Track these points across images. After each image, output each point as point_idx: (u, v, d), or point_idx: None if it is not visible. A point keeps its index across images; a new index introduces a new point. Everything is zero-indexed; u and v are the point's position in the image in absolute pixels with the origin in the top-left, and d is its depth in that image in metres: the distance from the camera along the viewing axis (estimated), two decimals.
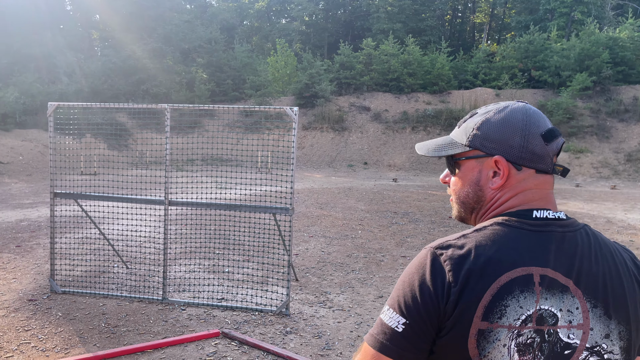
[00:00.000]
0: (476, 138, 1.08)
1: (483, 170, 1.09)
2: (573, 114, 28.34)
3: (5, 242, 7.96)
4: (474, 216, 1.14)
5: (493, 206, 1.09)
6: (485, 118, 1.09)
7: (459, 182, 1.13)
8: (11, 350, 4.11)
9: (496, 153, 1.06)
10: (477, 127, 1.09)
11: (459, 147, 1.11)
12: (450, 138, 1.15)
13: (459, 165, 1.12)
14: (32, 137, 23.19)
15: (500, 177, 1.06)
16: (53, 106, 5.36)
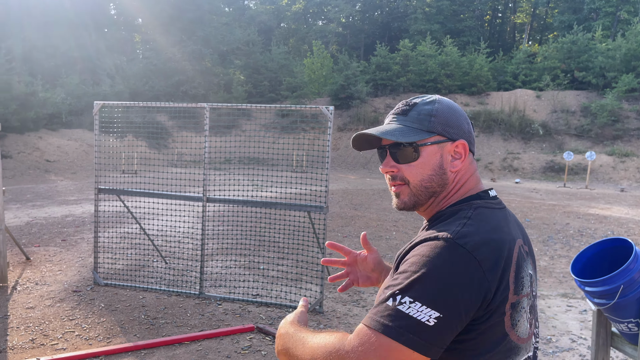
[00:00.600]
0: (436, 124, 1.15)
1: (444, 155, 1.15)
2: (618, 117, 27.39)
3: (51, 236, 8.30)
4: (431, 201, 1.17)
5: (454, 189, 1.17)
6: (436, 106, 1.16)
7: (420, 167, 1.15)
8: (56, 338, 4.30)
9: (457, 138, 1.16)
10: (434, 114, 1.15)
11: (422, 134, 1.14)
12: (404, 126, 1.16)
13: (420, 152, 1.14)
14: (77, 137, 24.04)
15: (461, 160, 1.17)
16: (98, 105, 5.57)
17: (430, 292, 0.95)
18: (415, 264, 0.99)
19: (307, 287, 5.93)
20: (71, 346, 4.14)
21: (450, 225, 1.06)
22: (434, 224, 1.14)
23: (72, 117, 26.22)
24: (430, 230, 1.10)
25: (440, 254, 0.99)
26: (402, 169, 1.17)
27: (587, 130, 27.72)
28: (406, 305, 0.95)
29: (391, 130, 1.15)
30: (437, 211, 1.19)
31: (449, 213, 1.13)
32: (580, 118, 28.60)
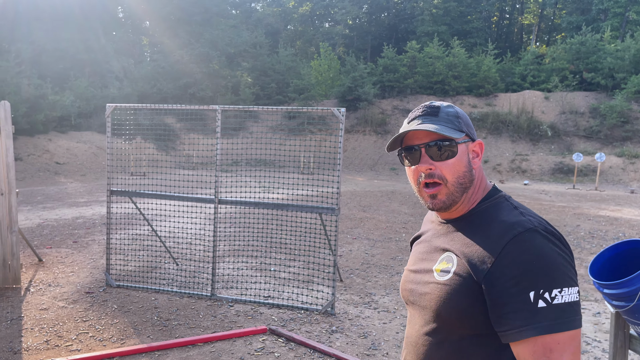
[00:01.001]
0: (462, 125, 1.24)
1: (469, 153, 1.25)
2: (628, 118, 27.21)
3: (63, 238, 8.35)
4: (464, 197, 1.24)
5: (479, 183, 1.27)
6: (456, 109, 1.27)
7: (457, 165, 1.21)
8: (71, 339, 4.32)
9: (476, 138, 1.27)
10: (459, 116, 1.25)
11: (456, 133, 1.21)
12: (442, 125, 1.21)
13: (457, 150, 1.21)
14: (86, 139, 24.18)
15: (479, 157, 1.27)
16: (111, 107, 5.60)
17: (561, 275, 1.07)
18: (532, 261, 1.07)
19: (318, 289, 5.93)
20: (85, 347, 4.17)
21: (513, 217, 1.15)
22: (479, 220, 1.21)
23: (81, 119, 26.37)
24: (486, 227, 1.18)
25: (540, 242, 1.09)
26: (439, 167, 1.21)
27: (596, 131, 27.55)
28: (559, 296, 1.05)
29: (439, 127, 1.20)
30: (468, 210, 1.25)
31: (492, 208, 1.22)
32: (589, 119, 28.42)
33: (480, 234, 1.17)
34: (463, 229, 1.23)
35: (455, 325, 1.15)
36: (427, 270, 1.27)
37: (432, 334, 1.21)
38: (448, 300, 1.15)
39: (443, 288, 1.18)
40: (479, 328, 1.12)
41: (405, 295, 1.35)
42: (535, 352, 1.03)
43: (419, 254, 1.36)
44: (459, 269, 1.16)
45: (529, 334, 1.03)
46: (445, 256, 1.22)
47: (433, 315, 1.20)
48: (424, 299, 1.24)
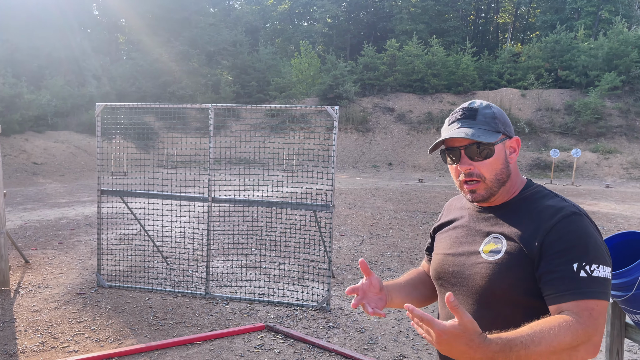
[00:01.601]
0: (500, 125, 1.35)
1: (506, 150, 1.36)
2: (601, 114, 27.89)
3: (47, 239, 8.22)
4: (502, 189, 1.36)
5: (516, 176, 1.39)
6: (494, 109, 1.36)
7: (494, 164, 1.34)
8: (66, 340, 4.28)
9: (513, 135, 1.38)
10: (496, 117, 1.35)
11: (494, 135, 1.33)
12: (480, 129, 1.33)
13: (494, 150, 1.33)
14: (64, 139, 23.76)
15: (516, 153, 1.38)
16: (101, 106, 5.55)
17: (600, 254, 1.22)
18: (577, 238, 1.22)
19: (312, 285, 5.97)
20: (82, 348, 4.13)
21: (559, 203, 1.30)
22: (524, 206, 1.34)
23: (58, 118, 25.88)
24: (532, 211, 1.31)
25: (585, 224, 1.25)
26: (478, 167, 1.34)
27: (571, 128, 28.17)
28: (597, 271, 1.19)
29: (476, 133, 1.32)
30: (510, 198, 1.38)
31: (534, 195, 1.36)
32: (564, 116, 29.04)
33: (529, 216, 1.31)
34: (508, 214, 1.36)
35: (509, 300, 1.27)
36: (472, 252, 1.37)
37: (485, 310, 1.31)
38: (503, 276, 1.27)
39: (495, 267, 1.29)
40: (531, 300, 1.25)
41: (446, 277, 1.43)
42: (579, 310, 1.17)
43: (455, 239, 1.45)
44: (510, 247, 1.28)
45: (570, 298, 1.18)
46: (492, 238, 1.34)
47: (485, 293, 1.30)
48: (473, 279, 1.34)
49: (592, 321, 1.15)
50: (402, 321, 4.97)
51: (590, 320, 1.15)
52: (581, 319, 1.15)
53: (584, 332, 1.14)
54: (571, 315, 1.16)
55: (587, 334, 1.14)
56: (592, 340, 1.15)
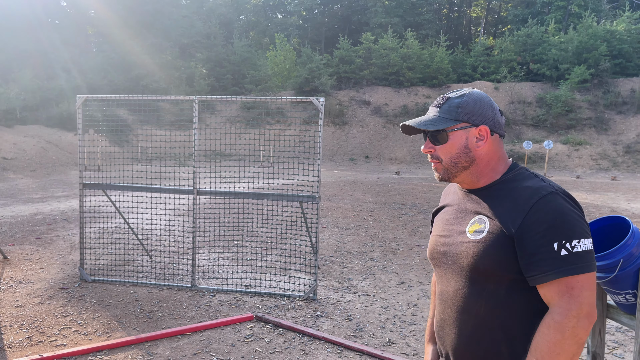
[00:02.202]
0: (462, 114, 1.43)
1: (469, 137, 1.44)
2: (571, 107, 28.58)
3: (24, 235, 8.06)
4: (465, 173, 1.46)
5: (493, 161, 1.46)
6: (464, 99, 1.44)
7: (449, 148, 1.45)
8: (54, 335, 4.23)
9: (480, 123, 1.44)
10: (461, 106, 1.44)
11: (450, 122, 1.44)
12: (437, 116, 1.45)
13: (449, 136, 1.44)
14: (34, 133, 23.17)
15: (484, 140, 1.44)
16: (82, 99, 5.46)
17: (580, 228, 1.29)
18: (554, 217, 1.29)
19: (298, 276, 6.01)
20: (71, 342, 4.10)
21: (537, 183, 1.37)
22: (506, 188, 1.42)
23: (26, 112, 25.21)
24: (512, 193, 1.39)
25: (561, 203, 1.32)
26: (437, 149, 1.48)
27: (542, 120, 28.80)
28: (577, 246, 1.27)
29: (425, 121, 1.46)
30: (492, 181, 1.47)
31: (515, 177, 1.44)
32: (536, 108, 29.67)
33: (509, 198, 1.39)
34: (491, 195, 1.45)
35: (492, 276, 1.36)
36: (459, 232, 1.48)
37: (471, 287, 1.41)
38: (485, 254, 1.36)
39: (479, 245, 1.38)
40: (512, 275, 1.34)
41: (438, 257, 1.55)
42: (560, 290, 1.26)
43: (446, 221, 1.57)
44: (492, 227, 1.37)
45: (553, 277, 1.26)
46: (477, 219, 1.44)
47: (470, 270, 1.40)
48: (459, 258, 1.44)
49: (572, 300, 1.24)
50: (389, 309, 5.06)
51: (570, 300, 1.25)
52: (561, 306, 1.25)
53: (567, 318, 1.24)
54: (553, 307, 1.27)
55: (573, 317, 1.24)
56: (581, 316, 1.24)
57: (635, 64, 30.78)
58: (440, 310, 1.53)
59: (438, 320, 1.55)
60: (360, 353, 4.01)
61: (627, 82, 29.70)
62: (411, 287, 5.83)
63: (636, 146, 25.58)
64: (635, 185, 18.41)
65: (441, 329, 1.53)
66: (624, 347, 4.27)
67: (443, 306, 1.51)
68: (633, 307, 2.89)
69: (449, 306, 1.48)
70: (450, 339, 1.48)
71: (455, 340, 1.46)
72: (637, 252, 2.82)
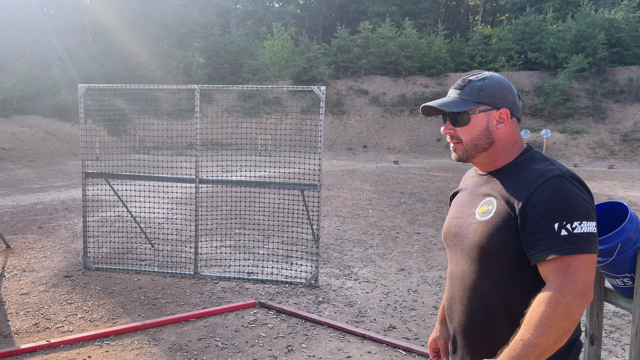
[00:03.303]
0: (484, 96, 1.47)
1: (490, 120, 1.48)
2: (569, 96, 28.60)
3: (26, 224, 8.10)
4: (483, 154, 1.51)
5: (509, 144, 1.51)
6: (486, 82, 1.48)
7: (470, 129, 1.48)
8: (60, 321, 4.29)
9: (501, 106, 1.47)
10: (483, 89, 1.47)
11: (472, 104, 1.47)
12: (459, 98, 1.49)
13: (470, 118, 1.48)
14: (32, 123, 23.12)
15: (505, 123, 1.48)
16: (83, 88, 5.48)
17: (584, 211, 1.31)
18: (557, 199, 1.32)
19: (299, 263, 6.08)
20: (77, 328, 4.16)
21: (545, 166, 1.40)
22: (516, 171, 1.46)
23: (24, 102, 25.14)
24: (521, 175, 1.43)
25: (567, 185, 1.34)
26: (457, 131, 1.51)
27: (540, 109, 28.83)
28: (578, 227, 1.29)
29: (448, 102, 1.50)
30: (506, 163, 1.51)
31: (527, 160, 1.48)
32: (534, 97, 29.69)
33: (519, 180, 1.43)
34: (502, 177, 1.49)
35: (497, 255, 1.41)
36: (469, 214, 1.53)
37: (477, 266, 1.46)
38: (491, 234, 1.41)
39: (486, 225, 1.43)
40: (516, 255, 1.38)
41: (450, 238, 1.60)
42: (556, 267, 1.29)
43: (460, 203, 1.62)
44: (499, 208, 1.42)
45: (549, 255, 1.29)
46: (486, 200, 1.49)
47: (478, 250, 1.45)
48: (468, 238, 1.49)
49: (568, 277, 1.26)
50: (389, 295, 5.14)
51: (566, 277, 1.26)
52: (556, 282, 1.27)
53: (561, 294, 1.25)
54: (548, 282, 1.29)
55: (566, 293, 1.25)
56: (576, 294, 1.26)
57: (633, 52, 30.77)
58: (449, 289, 1.59)
59: (447, 299, 1.61)
60: (362, 337, 4.08)
61: (625, 70, 29.71)
62: (411, 274, 5.90)
63: (633, 135, 25.67)
64: (631, 173, 18.51)
65: (450, 307, 1.59)
66: (621, 330, 4.36)
67: (452, 285, 1.57)
68: (631, 290, 2.96)
69: (457, 285, 1.53)
70: (457, 317, 1.54)
71: (460, 317, 1.52)
72: (634, 237, 2.88)
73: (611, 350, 3.96)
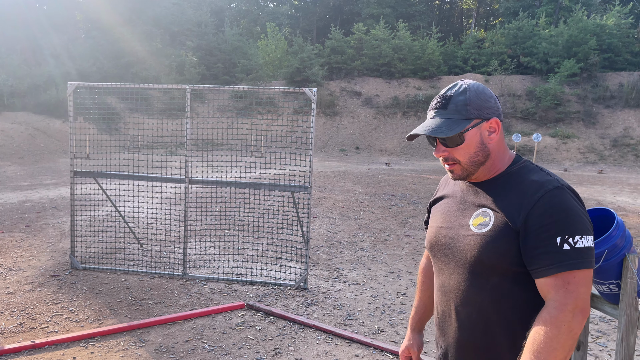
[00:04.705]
0: (472, 111, 1.41)
1: (482, 132, 1.42)
2: (560, 100, 28.79)
3: (13, 222, 8.02)
4: (482, 169, 1.45)
5: (501, 154, 1.46)
6: (468, 95, 1.41)
7: (466, 149, 1.42)
8: (45, 322, 4.25)
9: (490, 116, 1.42)
10: (468, 103, 1.41)
11: (464, 122, 1.40)
12: (448, 119, 1.41)
13: (464, 137, 1.41)
14: (22, 120, 22.91)
15: (496, 132, 1.43)
16: (73, 86, 5.43)
17: (583, 225, 1.29)
18: (559, 212, 1.30)
19: (289, 265, 6.06)
20: (62, 329, 4.12)
21: (543, 177, 1.37)
22: (511, 181, 1.42)
23: (14, 99, 24.88)
24: (517, 186, 1.39)
25: (567, 198, 1.32)
26: (452, 152, 1.44)
27: (532, 113, 29.00)
28: (580, 241, 1.27)
29: (438, 127, 1.41)
30: (497, 174, 1.46)
31: (521, 170, 1.43)
32: (525, 101, 29.85)
33: (515, 191, 1.39)
34: (496, 188, 1.44)
35: (496, 269, 1.37)
36: (462, 225, 1.47)
37: (475, 279, 1.41)
38: (490, 248, 1.36)
39: (484, 238, 1.38)
40: (516, 268, 1.35)
41: (439, 249, 1.54)
42: (556, 284, 1.26)
43: (447, 212, 1.55)
44: (497, 221, 1.37)
45: (554, 271, 1.26)
46: (481, 212, 1.43)
47: (474, 264, 1.40)
48: (462, 251, 1.44)
49: (568, 295, 1.24)
50: (378, 298, 5.14)
51: (566, 295, 1.24)
52: (557, 300, 1.25)
53: (563, 312, 1.23)
54: (549, 301, 1.27)
55: (568, 311, 1.23)
56: (576, 311, 1.24)
57: (624, 58, 31.04)
58: (442, 303, 1.53)
59: (439, 312, 1.55)
60: (350, 341, 4.08)
61: (616, 76, 29.97)
62: (400, 276, 5.90)
63: (623, 140, 25.89)
64: (621, 178, 18.67)
65: (442, 322, 1.53)
66: (607, 336, 4.38)
67: (445, 299, 1.51)
68: (616, 297, 2.97)
69: (451, 299, 1.48)
70: (452, 332, 1.49)
71: (457, 332, 1.47)
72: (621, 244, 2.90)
73: (597, 356, 3.98)
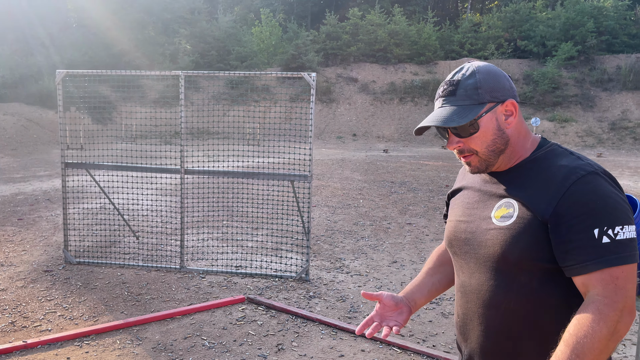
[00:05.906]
0: (485, 94, 1.24)
1: (498, 117, 1.26)
2: (558, 84, 28.61)
3: (5, 216, 7.83)
4: (502, 157, 1.29)
5: (522, 138, 1.30)
6: (477, 77, 1.25)
7: (483, 137, 1.26)
8: (38, 319, 4.09)
9: (505, 98, 1.26)
10: (479, 87, 1.25)
11: (476, 107, 1.24)
12: (459, 106, 1.25)
13: (479, 125, 1.25)
14: (14, 111, 22.57)
15: (514, 115, 1.26)
16: (61, 74, 5.21)
17: (623, 215, 1.13)
18: (595, 200, 1.14)
19: (289, 256, 5.91)
20: (56, 327, 3.96)
21: (573, 162, 1.21)
22: (537, 167, 1.26)
23: (6, 89, 24.51)
24: (545, 172, 1.23)
25: (603, 184, 1.16)
26: (467, 142, 1.28)
27: (529, 97, 28.82)
28: (621, 233, 1.11)
29: (449, 116, 1.24)
30: (522, 160, 1.30)
31: (548, 155, 1.27)
32: (523, 85, 29.66)
33: (542, 178, 1.23)
34: (520, 176, 1.27)
35: (522, 266, 1.20)
36: (483, 217, 1.31)
37: (499, 278, 1.25)
38: (515, 242, 1.20)
39: (507, 232, 1.22)
40: (545, 265, 1.18)
41: (458, 245, 1.37)
42: (603, 279, 1.10)
43: (467, 204, 1.39)
44: (522, 212, 1.21)
45: (594, 268, 1.10)
46: (504, 202, 1.27)
47: (498, 261, 1.24)
48: (484, 247, 1.28)
49: (618, 291, 1.09)
50: (382, 289, 4.99)
51: (616, 291, 1.09)
52: (607, 296, 1.09)
53: (613, 310, 1.08)
54: (595, 296, 1.10)
55: (618, 309, 1.08)
56: (625, 311, 1.09)
57: (621, 40, 30.82)
58: (462, 305, 1.37)
59: (460, 315, 1.39)
60: (356, 334, 3.94)
61: (613, 58, 29.77)
62: (404, 266, 5.76)
63: (621, 123, 25.77)
64: (620, 161, 18.57)
65: (464, 325, 1.37)
66: None
67: (465, 300, 1.35)
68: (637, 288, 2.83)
69: (472, 300, 1.32)
70: (475, 336, 1.33)
71: (480, 337, 1.31)
72: None
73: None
